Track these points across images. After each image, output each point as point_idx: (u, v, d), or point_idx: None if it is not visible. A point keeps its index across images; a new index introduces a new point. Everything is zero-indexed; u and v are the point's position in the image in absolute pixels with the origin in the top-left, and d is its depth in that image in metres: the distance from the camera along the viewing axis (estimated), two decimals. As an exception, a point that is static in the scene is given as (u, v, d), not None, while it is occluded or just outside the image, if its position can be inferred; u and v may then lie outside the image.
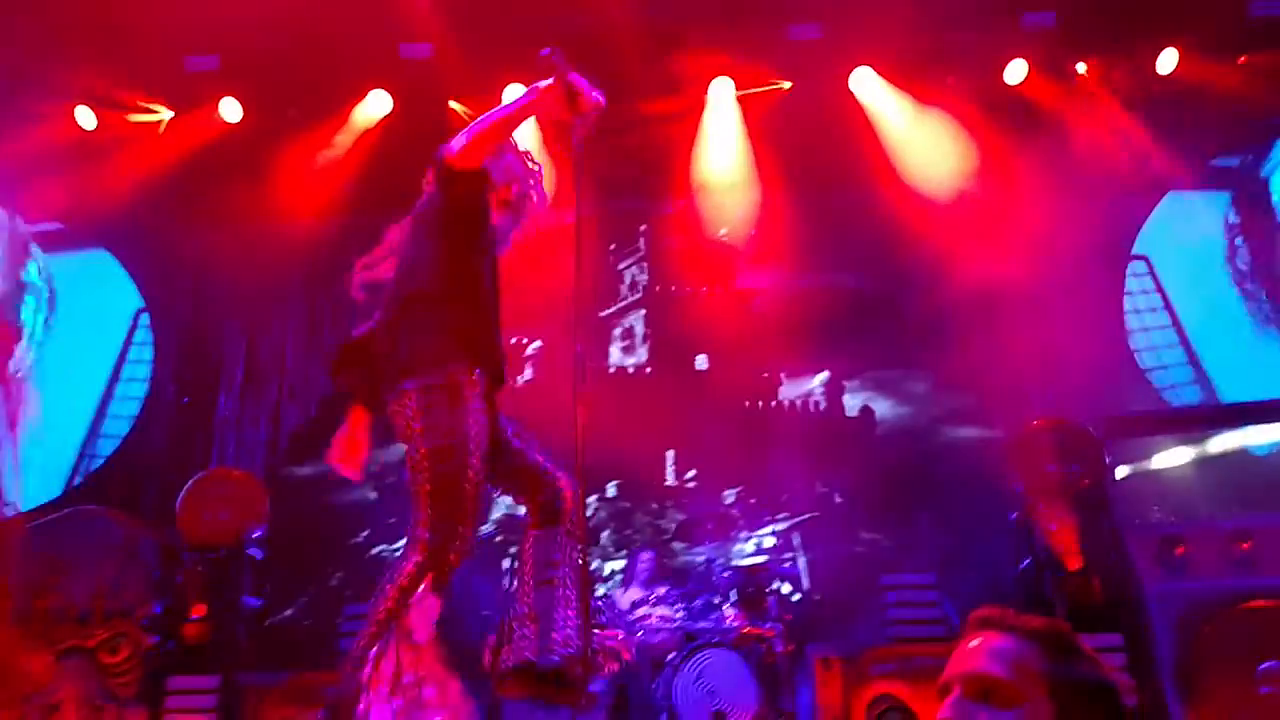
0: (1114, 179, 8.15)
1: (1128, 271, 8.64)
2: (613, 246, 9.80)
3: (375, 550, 8.89)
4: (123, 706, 6.37)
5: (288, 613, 8.58)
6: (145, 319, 9.02)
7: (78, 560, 6.93)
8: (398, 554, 9.22)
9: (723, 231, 9.41)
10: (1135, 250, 8.70)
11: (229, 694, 6.61)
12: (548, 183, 8.89)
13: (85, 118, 7.99)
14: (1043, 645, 1.33)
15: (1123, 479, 6.49)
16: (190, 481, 7.46)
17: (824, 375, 9.26)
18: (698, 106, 8.53)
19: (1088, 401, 7.33)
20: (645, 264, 9.77)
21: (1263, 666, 5.43)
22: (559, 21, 7.63)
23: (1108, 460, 6.46)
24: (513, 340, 9.56)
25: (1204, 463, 7.55)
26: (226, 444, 8.95)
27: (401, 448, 9.68)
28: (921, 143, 8.52)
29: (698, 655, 6.15)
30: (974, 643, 1.37)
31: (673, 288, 9.64)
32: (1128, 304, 8.61)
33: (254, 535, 7.46)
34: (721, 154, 8.82)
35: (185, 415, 8.76)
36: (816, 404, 9.24)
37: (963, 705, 1.31)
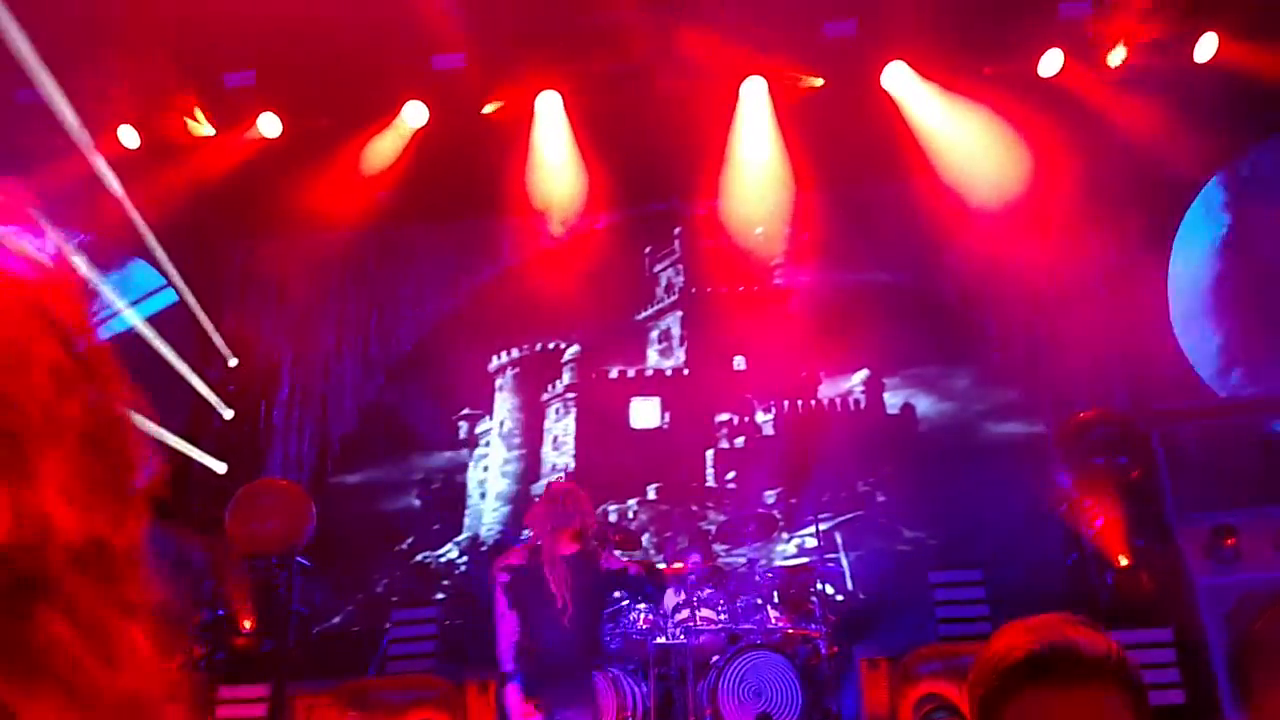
0: (1155, 168, 8.01)
1: (1171, 260, 8.49)
2: (648, 249, 9.82)
3: (420, 557, 8.98)
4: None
5: (335, 620, 8.69)
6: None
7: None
8: (442, 559, 9.31)
9: (758, 231, 9.39)
10: (1178, 240, 8.54)
11: (278, 702, 6.71)
12: (581, 188, 8.95)
13: (128, 137, 8.16)
14: (1124, 687, 1.23)
15: (1172, 470, 6.37)
16: (238, 491, 7.59)
17: (864, 373, 9.20)
18: (730, 106, 8.52)
19: (1134, 393, 7.21)
20: (681, 265, 9.77)
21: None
22: (589, 28, 7.68)
23: (1155, 452, 6.35)
24: (550, 345, 9.61)
25: (1254, 452, 7.39)
26: (273, 454, 9.10)
27: (446, 453, 9.72)
28: (957, 137, 8.44)
29: (742, 657, 6.13)
30: (1068, 704, 1.22)
31: (709, 289, 9.63)
32: (1171, 294, 8.46)
33: (301, 544, 7.58)
34: (756, 153, 8.80)
35: (232, 426, 8.90)
36: (856, 402, 9.18)
37: None
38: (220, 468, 8.62)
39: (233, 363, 8.95)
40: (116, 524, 0.54)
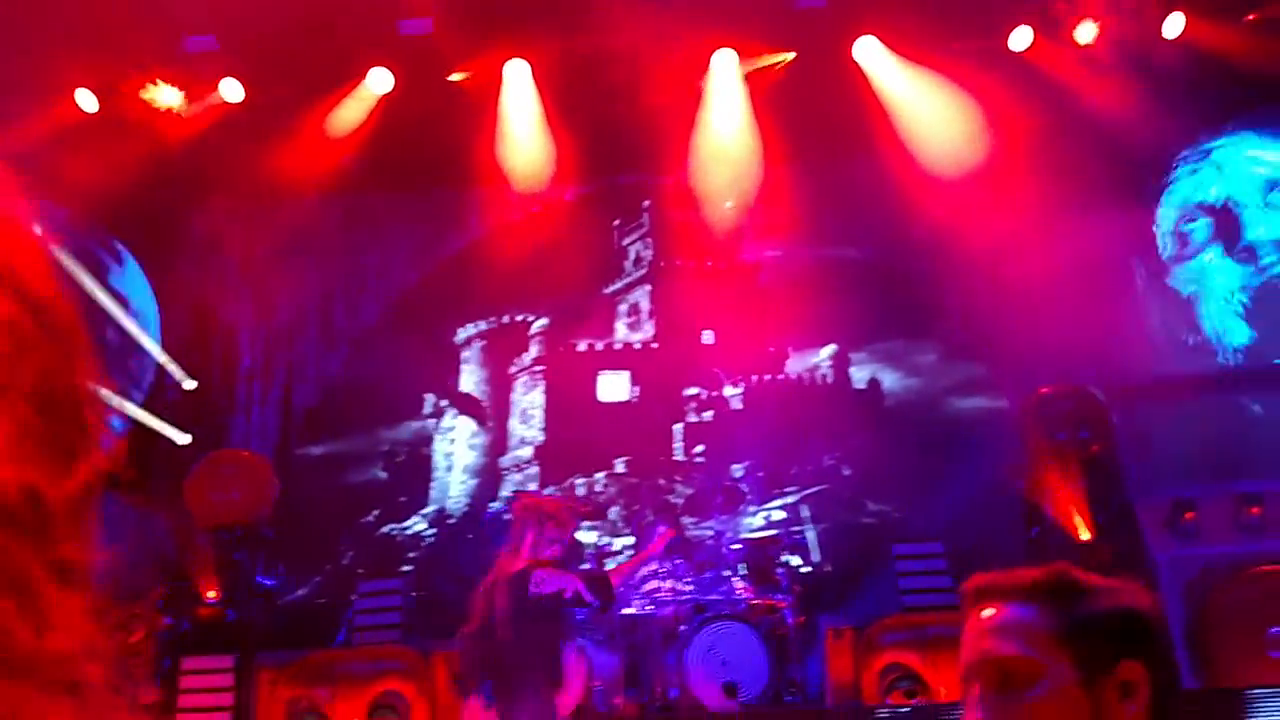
0: (1124, 145, 8.08)
1: (1138, 237, 8.59)
2: (616, 222, 9.78)
3: (386, 529, 8.93)
4: (137, 686, 6.43)
5: (301, 592, 8.63)
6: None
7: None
8: (408, 532, 9.27)
9: (727, 205, 9.37)
10: (1144, 216, 8.64)
11: (244, 673, 6.67)
12: (549, 159, 8.86)
13: (86, 100, 7.96)
14: (1046, 600, 1.21)
15: (1132, 445, 6.48)
16: (198, 462, 7.50)
17: (831, 348, 9.25)
18: (700, 78, 8.47)
19: (1097, 368, 7.30)
20: (649, 239, 9.74)
21: (1273, 631, 5.43)
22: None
23: (1117, 427, 6.45)
24: (518, 318, 9.56)
25: (1215, 428, 7.53)
26: (236, 425, 8.99)
27: (412, 425, 9.67)
28: (927, 111, 8.45)
29: (709, 627, 6.18)
30: (975, 622, 1.25)
31: (677, 262, 9.62)
32: (1136, 270, 8.56)
33: (265, 515, 7.51)
34: (725, 126, 8.76)
35: (194, 396, 8.78)
36: (824, 377, 9.23)
37: (987, 701, 1.18)
38: (183, 439, 8.50)
39: (189, 385, 8.77)
40: (55, 480, 0.52)
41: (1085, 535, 6.04)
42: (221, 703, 6.48)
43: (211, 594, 7.01)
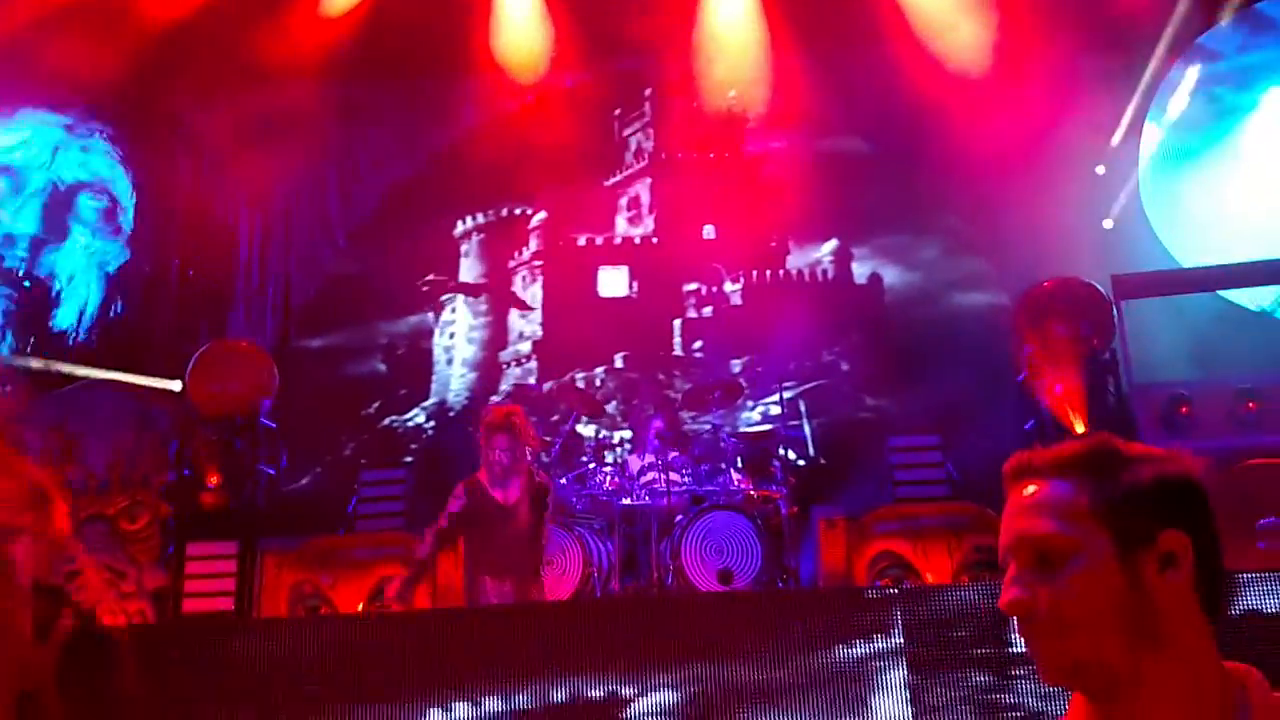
0: (1135, 40, 7.85)
1: (1143, 132, 8.40)
2: (617, 111, 9.57)
3: (387, 421, 8.99)
4: (143, 571, 6.57)
5: (303, 482, 8.74)
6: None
7: (93, 431, 7.05)
8: (409, 424, 9.31)
9: (731, 94, 9.16)
10: (1151, 112, 8.43)
11: (247, 557, 6.79)
12: (548, 44, 8.61)
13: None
14: (1083, 473, 1.18)
15: (1131, 339, 6.45)
16: (198, 353, 7.51)
17: (833, 243, 9.15)
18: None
19: (1098, 262, 7.22)
20: (651, 130, 9.55)
21: (1261, 523, 5.49)
22: None
23: (1116, 321, 6.41)
24: (516, 211, 9.44)
25: (1211, 322, 7.49)
26: (234, 316, 8.96)
27: (410, 319, 9.62)
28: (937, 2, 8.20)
29: (705, 517, 6.25)
30: (1012, 502, 1.22)
31: (679, 154, 9.45)
32: (1141, 164, 8.40)
33: (265, 406, 7.55)
34: (730, 12, 8.50)
35: (192, 287, 8.74)
36: (825, 272, 9.16)
37: (1023, 579, 1.17)
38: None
39: (175, 386, 8.61)
40: None
41: (1080, 429, 6.06)
42: (226, 587, 6.60)
43: (214, 481, 7.09)
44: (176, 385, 8.13)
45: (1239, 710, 1.14)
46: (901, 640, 3.86)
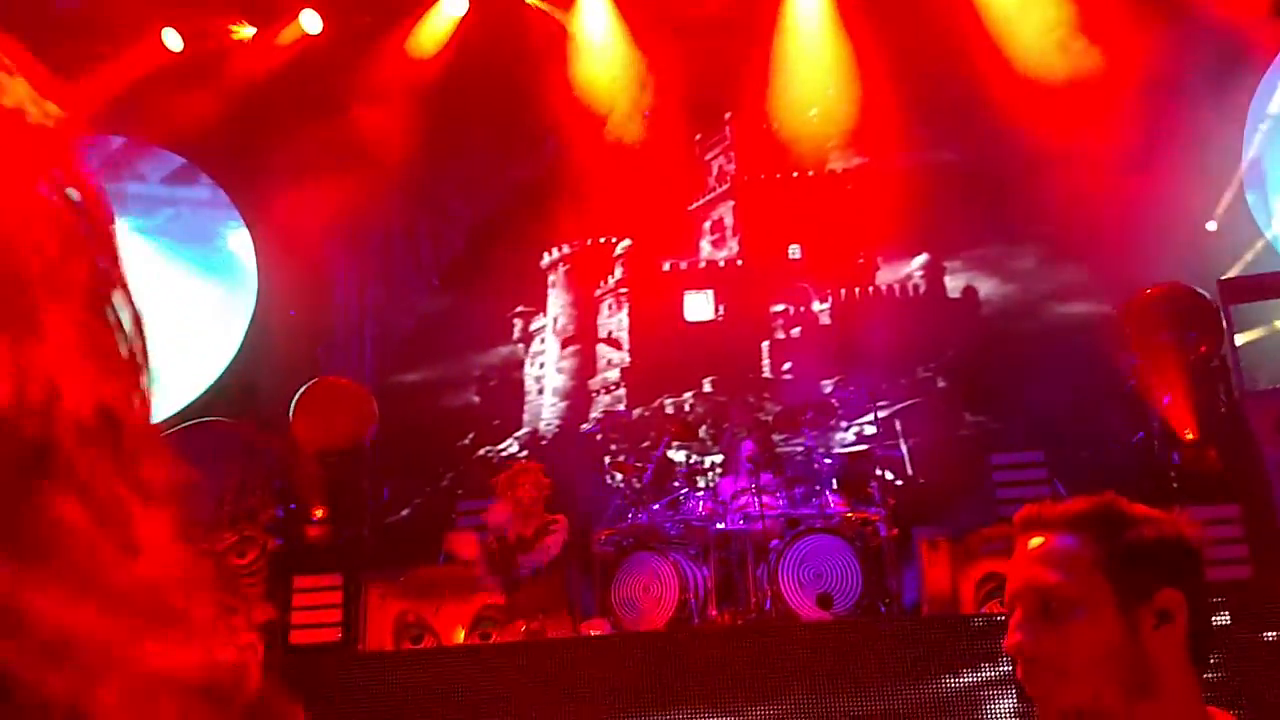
0: (1230, 36, 7.56)
1: (1245, 131, 8.06)
2: (698, 136, 9.60)
3: (482, 451, 9.13)
4: (251, 605, 6.77)
5: (404, 513, 8.91)
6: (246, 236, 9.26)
7: (201, 469, 7.31)
8: (503, 454, 9.43)
9: (812, 112, 9.10)
10: (1252, 110, 8.08)
11: (353, 589, 6.94)
12: (626, 72, 8.70)
13: (172, 40, 8.12)
14: (1089, 530, 1.26)
15: (1244, 344, 6.16)
16: (302, 390, 7.75)
17: (923, 257, 8.99)
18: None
19: (1204, 267, 6.94)
20: (732, 152, 9.54)
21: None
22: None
23: (1226, 326, 6.14)
24: (601, 240, 9.52)
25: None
26: (333, 353, 9.23)
27: (502, 350, 9.78)
28: (1023, 9, 8.03)
29: (801, 540, 6.17)
30: (1021, 551, 1.31)
31: (761, 175, 9.42)
32: (1244, 164, 8.06)
33: (366, 440, 7.75)
34: (808, 28, 8.46)
35: (292, 326, 9.03)
36: (916, 287, 9.00)
37: (1027, 625, 1.25)
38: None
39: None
40: (127, 397, 0.48)
41: (1191, 438, 5.81)
42: (332, 619, 6.76)
43: (319, 515, 7.28)
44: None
45: None
46: (1010, 668, 3.73)
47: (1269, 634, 4.23)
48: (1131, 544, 1.24)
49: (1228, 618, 4.06)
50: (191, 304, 9.03)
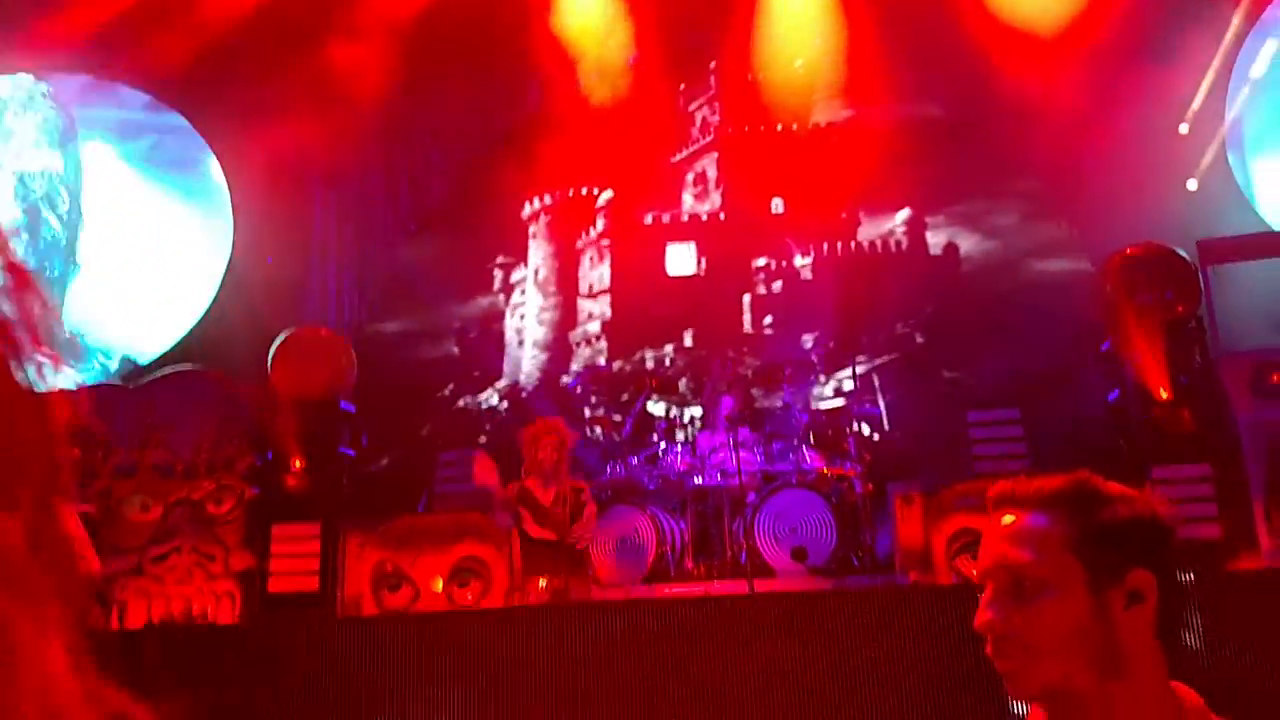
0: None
1: (1229, 90, 8.03)
2: (682, 86, 9.48)
3: (461, 402, 9.12)
4: (230, 553, 6.78)
5: (383, 463, 8.92)
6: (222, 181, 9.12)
7: (180, 417, 7.27)
8: (483, 405, 9.38)
9: (798, 63, 8.99)
10: (1236, 69, 8.04)
11: (331, 538, 6.96)
12: (611, 21, 8.53)
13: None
14: (1062, 508, 1.27)
15: (1218, 305, 6.20)
16: (278, 339, 7.69)
17: (905, 212, 8.97)
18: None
19: (1184, 226, 6.94)
20: (716, 104, 9.45)
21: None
22: None
23: (1203, 286, 6.16)
24: (583, 191, 9.44)
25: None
26: (311, 302, 9.15)
27: (482, 302, 9.69)
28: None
29: (777, 495, 6.22)
30: (994, 528, 1.31)
31: (745, 127, 9.33)
32: (1227, 124, 8.03)
33: (345, 390, 7.72)
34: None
35: (270, 275, 8.94)
36: (898, 243, 8.99)
37: (998, 603, 1.25)
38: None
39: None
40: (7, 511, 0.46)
41: (1165, 397, 5.85)
42: (310, 567, 6.78)
43: (297, 464, 7.27)
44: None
45: None
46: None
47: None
48: (1104, 524, 1.25)
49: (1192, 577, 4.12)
50: (173, 231, 8.93)
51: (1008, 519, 1.30)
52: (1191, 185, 7.98)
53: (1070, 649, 1.22)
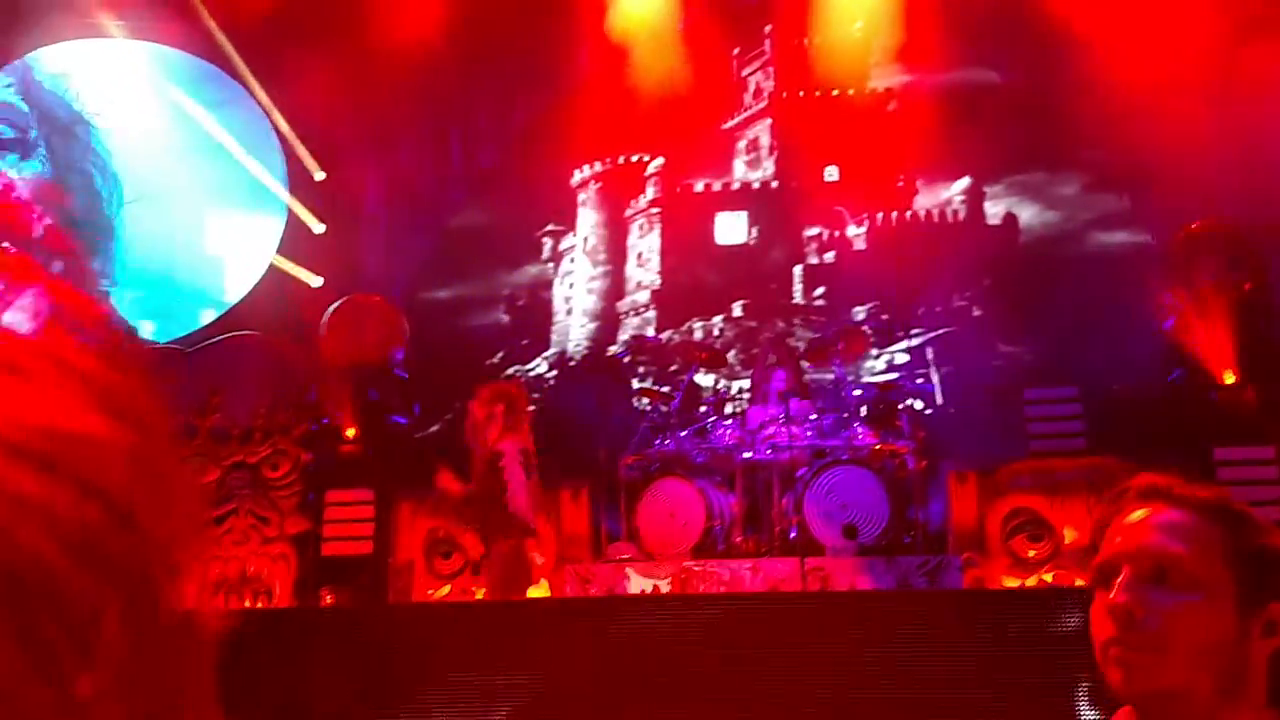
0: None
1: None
2: (735, 50, 9.32)
3: (510, 370, 9.15)
4: (285, 517, 6.91)
5: (434, 429, 8.99)
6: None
7: (236, 382, 7.40)
8: (531, 374, 9.43)
9: (856, 26, 8.79)
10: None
11: (384, 505, 7.06)
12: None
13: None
14: (1217, 518, 1.23)
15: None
16: (332, 307, 7.78)
17: (964, 181, 8.77)
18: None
19: (1250, 202, 6.71)
20: (771, 68, 9.27)
21: None
22: None
23: (1270, 263, 5.97)
24: (633, 158, 9.34)
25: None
26: (364, 270, 9.20)
27: (530, 270, 9.73)
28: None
29: (828, 471, 6.17)
30: (1138, 515, 1.25)
31: (800, 93, 9.15)
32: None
33: (396, 357, 7.80)
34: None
35: (324, 243, 9.01)
36: (955, 213, 8.80)
37: (1137, 587, 1.20)
38: (315, 281, 8.81)
39: (319, 176, 8.95)
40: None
41: (1230, 379, 5.70)
42: (363, 533, 6.90)
43: (350, 431, 7.37)
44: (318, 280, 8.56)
45: None
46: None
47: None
48: (1262, 547, 1.22)
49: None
50: (230, 196, 9.04)
51: (1159, 510, 1.26)
52: None
53: (1204, 657, 1.18)
